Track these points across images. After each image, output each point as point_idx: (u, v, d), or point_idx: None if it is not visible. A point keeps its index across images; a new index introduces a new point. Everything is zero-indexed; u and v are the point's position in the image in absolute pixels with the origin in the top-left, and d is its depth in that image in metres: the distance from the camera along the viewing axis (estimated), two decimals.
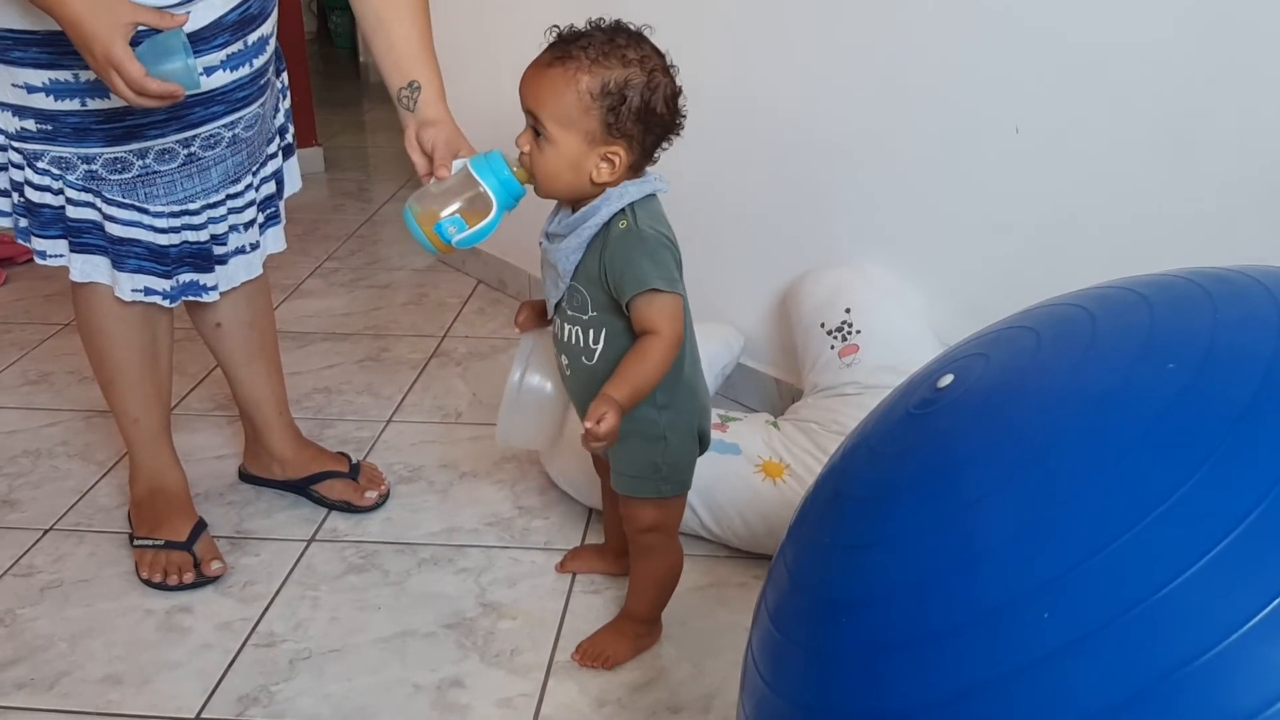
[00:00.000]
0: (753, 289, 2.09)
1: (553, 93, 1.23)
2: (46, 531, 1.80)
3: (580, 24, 1.28)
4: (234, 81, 1.53)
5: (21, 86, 1.42)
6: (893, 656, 0.74)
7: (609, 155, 1.26)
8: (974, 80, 1.66)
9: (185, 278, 1.61)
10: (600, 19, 1.28)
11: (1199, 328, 0.76)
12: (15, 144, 1.48)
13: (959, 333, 1.03)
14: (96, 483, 1.94)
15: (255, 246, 1.70)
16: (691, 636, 1.54)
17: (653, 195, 1.31)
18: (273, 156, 1.70)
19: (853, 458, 0.91)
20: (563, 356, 1.39)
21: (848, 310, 1.82)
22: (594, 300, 1.31)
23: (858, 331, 1.79)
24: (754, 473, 1.68)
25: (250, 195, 1.65)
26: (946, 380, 0.86)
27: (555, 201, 1.36)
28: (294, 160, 1.77)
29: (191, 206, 1.56)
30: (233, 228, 1.64)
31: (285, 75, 1.73)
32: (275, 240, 1.77)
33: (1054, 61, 1.56)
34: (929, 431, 0.83)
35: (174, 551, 1.66)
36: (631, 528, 1.45)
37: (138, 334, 1.65)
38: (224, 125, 1.54)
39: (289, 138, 1.76)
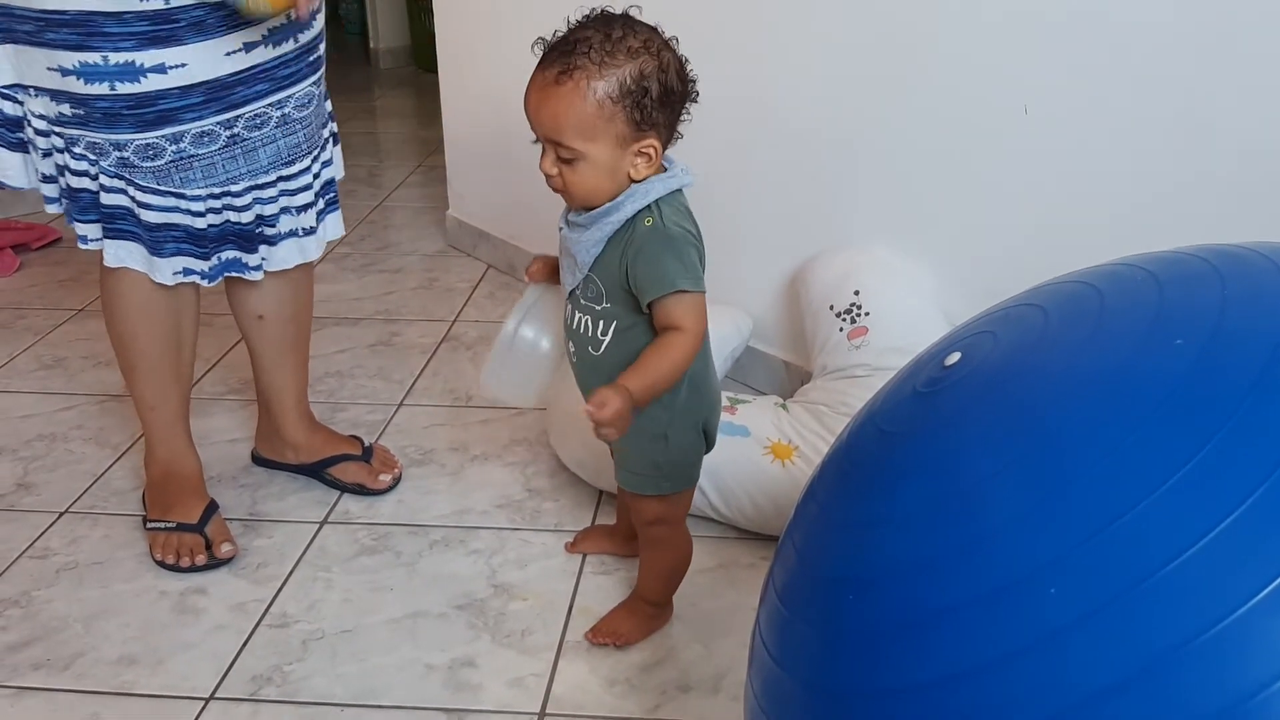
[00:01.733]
0: (762, 272, 2.09)
1: (569, 110, 1.18)
2: (61, 514, 1.81)
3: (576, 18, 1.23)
4: (277, 58, 1.51)
5: (56, 69, 1.42)
6: (900, 633, 0.75)
7: (643, 150, 1.22)
8: (983, 61, 1.66)
9: (227, 255, 1.60)
10: (587, 13, 1.22)
11: (1207, 304, 0.76)
12: (56, 128, 1.48)
13: (968, 314, 1.03)
14: (111, 466, 1.95)
15: (311, 231, 1.68)
16: (701, 617, 1.55)
17: (679, 190, 1.28)
18: (326, 140, 1.68)
19: (860, 436, 0.91)
20: (570, 343, 1.38)
21: (856, 292, 1.82)
22: (609, 293, 1.29)
23: (867, 314, 1.79)
24: (763, 454, 1.68)
25: (307, 179, 1.63)
26: (954, 358, 0.86)
27: None
28: (339, 146, 1.76)
29: (234, 188, 1.54)
30: (285, 210, 1.62)
31: None
32: (334, 226, 1.75)
33: (1064, 42, 1.55)
34: (936, 409, 0.83)
35: (186, 534, 1.67)
36: (638, 519, 1.46)
37: (162, 324, 1.65)
38: (270, 104, 1.52)
39: (333, 124, 1.74)
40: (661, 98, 1.21)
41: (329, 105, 1.71)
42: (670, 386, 1.29)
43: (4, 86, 1.49)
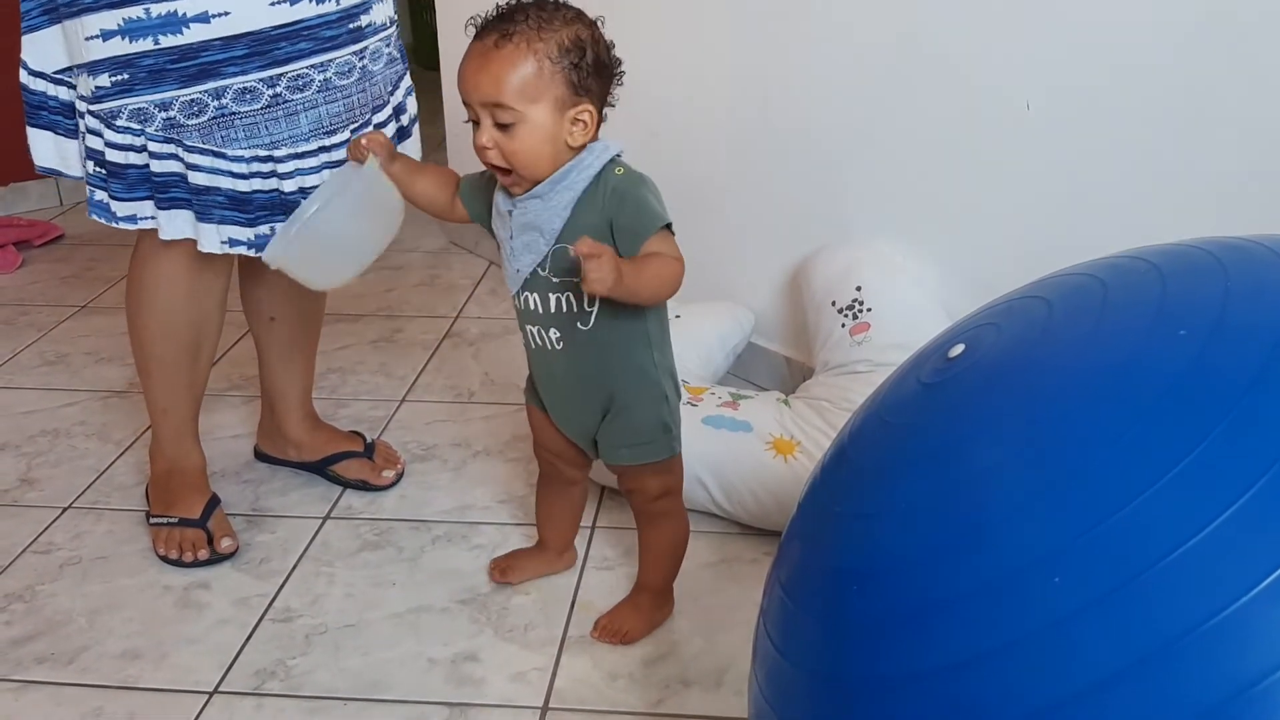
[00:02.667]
0: (763, 267, 2.10)
1: (511, 69, 1.19)
2: (65, 509, 1.81)
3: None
4: (320, 17, 1.48)
5: (96, 36, 1.41)
6: (905, 623, 0.75)
7: (579, 116, 1.23)
8: (985, 56, 1.66)
9: (274, 224, 1.56)
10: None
11: (1211, 296, 0.77)
12: (91, 107, 1.46)
13: (970, 310, 1.03)
14: (114, 462, 1.95)
15: None
16: (703, 612, 1.55)
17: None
18: (382, 125, 1.63)
19: (864, 428, 0.91)
20: (551, 330, 1.33)
21: (859, 288, 1.82)
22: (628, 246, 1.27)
23: (869, 309, 1.80)
24: (765, 450, 1.68)
25: None
26: (957, 350, 0.86)
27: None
28: (411, 143, 1.69)
29: (277, 153, 1.51)
30: None
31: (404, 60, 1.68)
32: None
33: (1065, 37, 1.55)
34: (940, 401, 0.84)
35: (188, 529, 1.68)
36: (641, 499, 1.46)
37: (183, 329, 1.64)
38: (313, 66, 1.50)
39: (404, 119, 1.68)
40: (596, 64, 1.24)
41: (401, 95, 1.66)
42: (644, 300, 1.28)
43: (57, 71, 1.48)
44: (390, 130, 1.64)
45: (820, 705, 0.82)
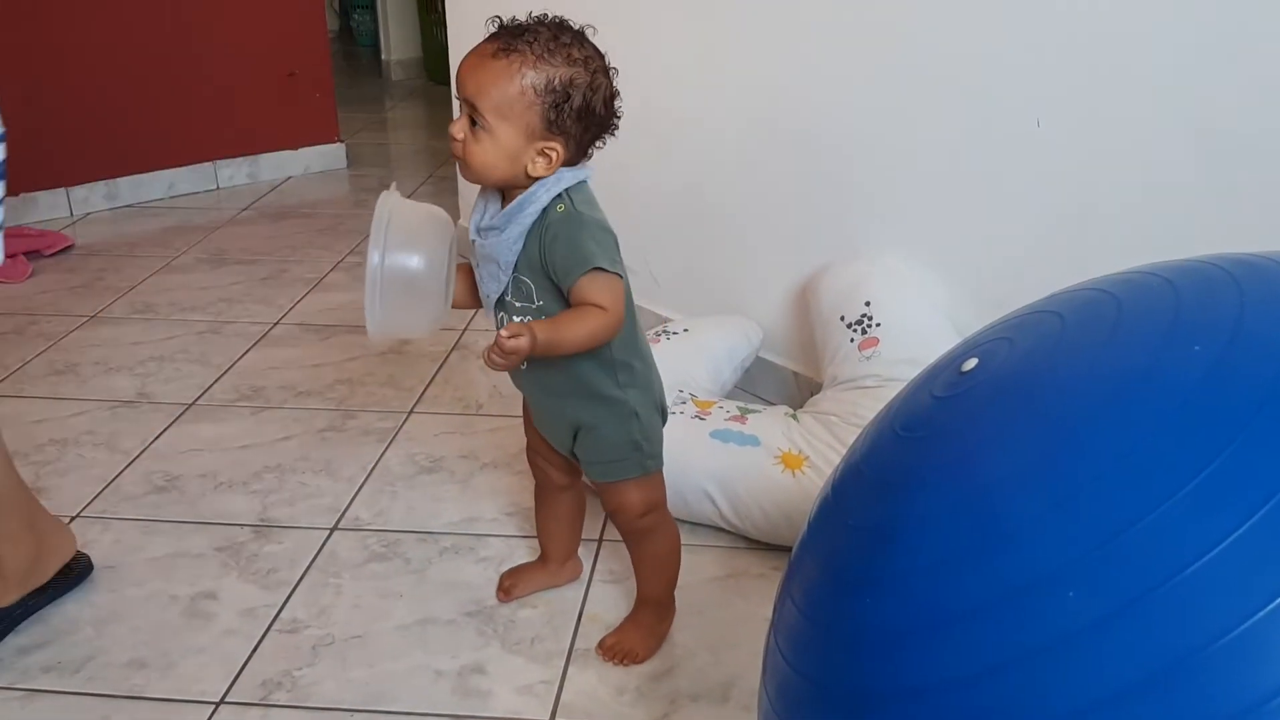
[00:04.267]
0: (772, 282, 2.10)
1: (495, 83, 1.21)
2: (73, 519, 1.81)
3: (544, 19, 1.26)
4: None
5: None
6: (918, 635, 0.75)
7: (546, 150, 1.24)
8: (995, 73, 1.66)
9: None
10: (544, 14, 1.26)
11: (1225, 311, 0.76)
12: None
13: (979, 326, 1.03)
14: (122, 471, 1.96)
15: None
16: (710, 626, 1.55)
17: (584, 181, 1.30)
18: None
19: (877, 441, 0.91)
20: None
21: (867, 303, 1.82)
22: (538, 288, 1.30)
23: (877, 324, 1.80)
24: (773, 464, 1.68)
25: None
26: (971, 364, 0.86)
27: (479, 196, 1.34)
28: None
29: None
30: None
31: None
32: None
33: (1075, 54, 1.56)
34: (954, 414, 0.84)
35: None
36: (626, 517, 1.45)
37: None
38: None
39: None
40: (580, 111, 1.24)
41: None
42: (569, 353, 1.28)
43: None
44: None
45: (833, 718, 0.81)
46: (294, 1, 3.71)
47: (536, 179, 1.27)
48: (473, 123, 1.24)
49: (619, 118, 1.29)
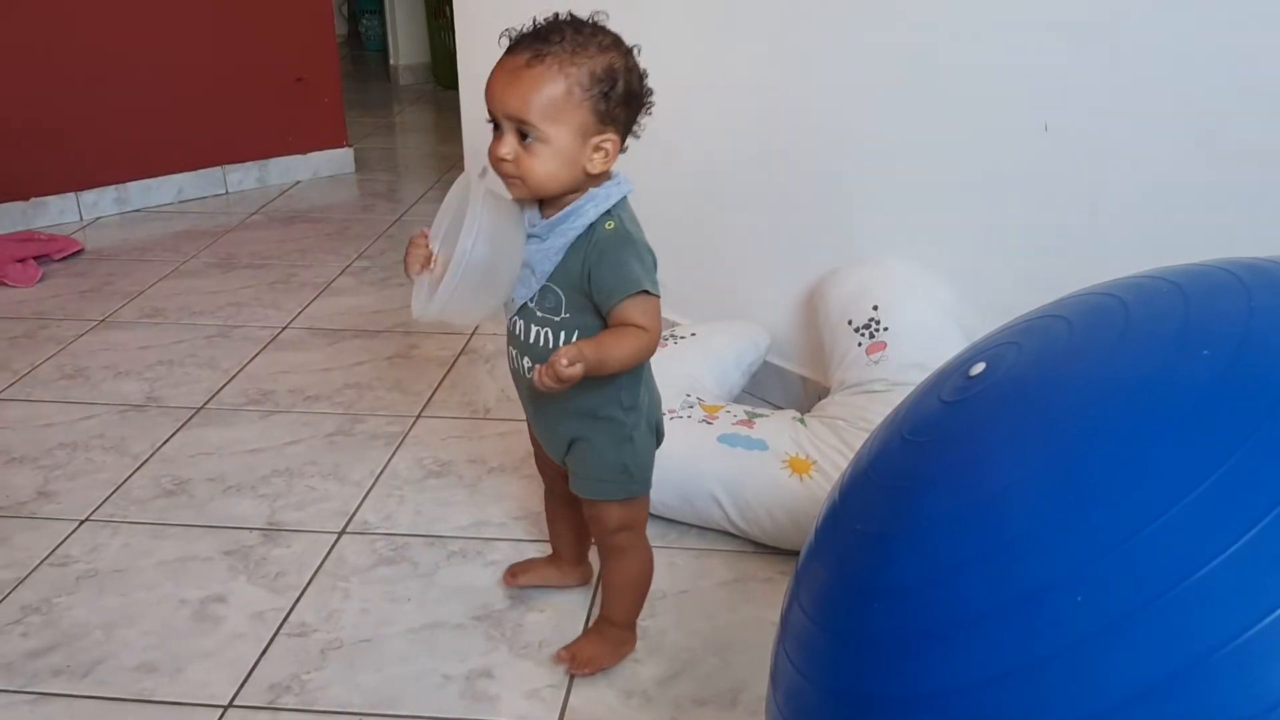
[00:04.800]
0: (779, 287, 2.10)
1: (539, 90, 1.19)
2: (82, 522, 1.82)
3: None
4: None
5: None
6: (926, 642, 0.75)
7: (601, 144, 1.23)
8: (1003, 76, 1.66)
9: None
10: (554, 14, 1.24)
11: (1234, 315, 0.76)
12: None
13: (987, 330, 1.03)
14: (131, 475, 1.96)
15: None
16: (718, 630, 1.55)
17: (625, 196, 1.30)
18: None
19: (885, 446, 0.91)
20: (525, 358, 1.35)
21: (875, 307, 1.82)
22: (568, 301, 1.28)
23: (885, 329, 1.80)
24: (780, 469, 1.68)
25: None
26: (978, 369, 0.86)
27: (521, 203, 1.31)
28: None
29: None
30: None
31: None
32: None
33: (1085, 59, 1.55)
34: (961, 419, 0.84)
35: None
36: (600, 530, 1.44)
37: None
38: None
39: None
40: (625, 95, 1.24)
41: None
42: (611, 373, 1.28)
43: None
44: None
45: None
46: (303, 7, 3.73)
47: (597, 177, 1.26)
48: (523, 137, 1.21)
49: (651, 92, 1.28)
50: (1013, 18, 1.63)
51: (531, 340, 1.33)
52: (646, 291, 1.25)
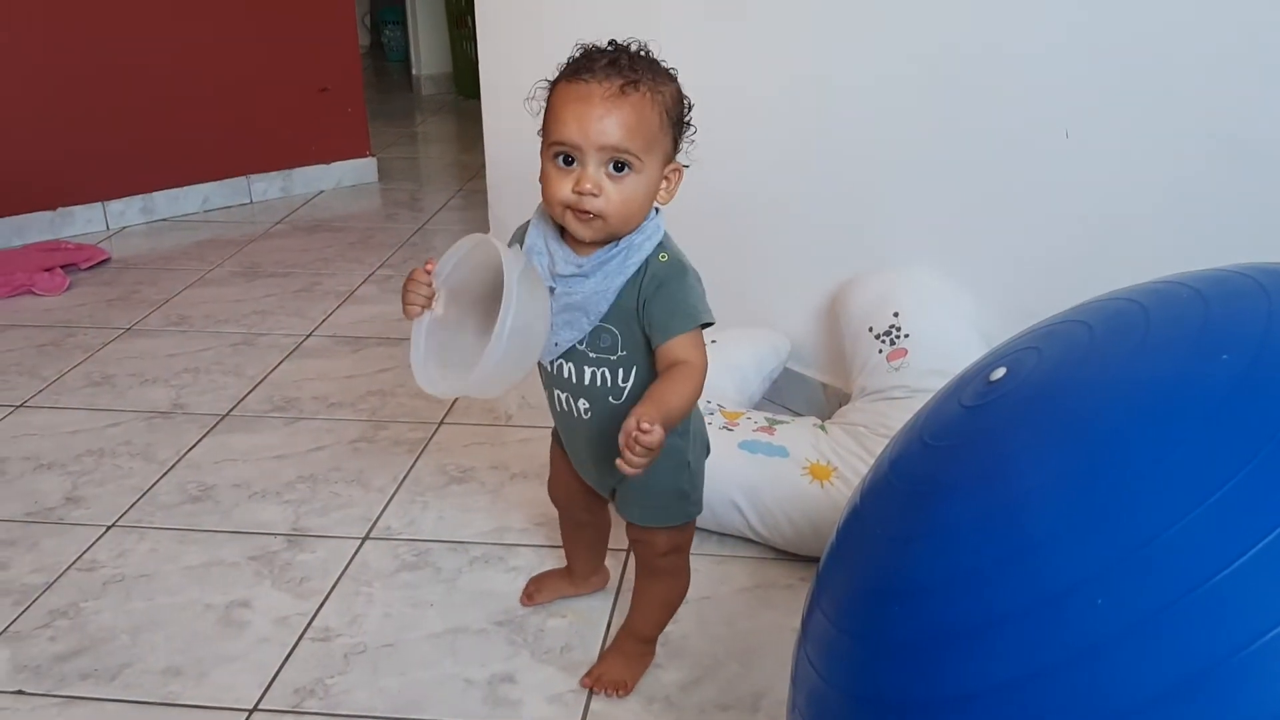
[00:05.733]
0: (800, 293, 2.10)
1: (639, 118, 1.15)
2: (109, 528, 1.84)
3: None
4: None
5: None
6: (948, 644, 0.75)
7: (669, 174, 1.21)
8: (1023, 83, 1.66)
9: None
10: (610, 42, 1.21)
11: (1253, 320, 0.77)
12: None
13: (1007, 336, 1.03)
14: (157, 481, 1.98)
15: None
16: (739, 637, 1.55)
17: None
18: None
19: (905, 450, 0.92)
20: (580, 400, 1.31)
21: (896, 314, 1.82)
22: (625, 339, 1.25)
23: (906, 335, 1.80)
24: (801, 475, 1.68)
25: None
26: (999, 374, 0.86)
27: (532, 235, 1.28)
28: None
29: None
30: None
31: None
32: None
33: (1105, 66, 1.56)
34: (982, 424, 0.84)
35: None
36: (649, 552, 1.42)
37: None
38: None
39: None
40: (685, 125, 1.23)
41: None
42: (679, 421, 1.24)
43: None
44: None
45: None
46: (326, 18, 3.76)
47: (664, 205, 1.22)
48: (617, 168, 1.16)
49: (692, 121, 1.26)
50: (1032, 25, 1.63)
51: (587, 382, 1.29)
52: (704, 323, 1.22)
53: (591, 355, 1.27)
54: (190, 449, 2.09)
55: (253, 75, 3.60)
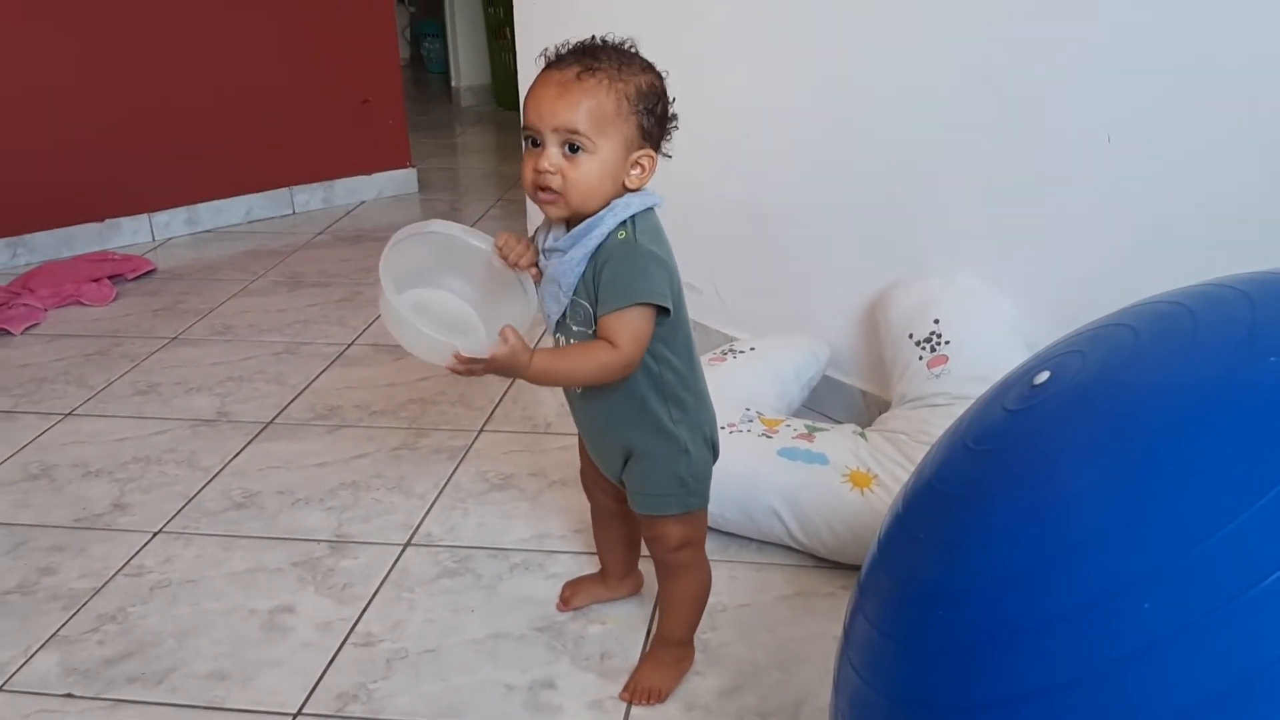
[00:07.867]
0: (839, 300, 2.10)
1: (592, 101, 1.21)
2: (155, 534, 1.87)
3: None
4: None
5: None
6: (992, 648, 0.75)
7: (640, 160, 1.26)
8: (1066, 91, 1.65)
9: None
10: (590, 37, 1.27)
11: None
12: None
13: (1049, 342, 1.02)
14: (202, 488, 2.01)
15: None
16: (779, 644, 1.55)
17: (652, 209, 1.29)
18: None
19: (949, 455, 0.91)
20: None
21: (936, 321, 1.81)
22: (595, 313, 1.28)
23: (947, 342, 1.79)
24: (841, 482, 1.68)
25: None
26: (1043, 377, 0.86)
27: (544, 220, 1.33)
28: None
29: None
30: None
31: None
32: None
33: (1147, 71, 1.54)
34: (1026, 427, 0.83)
35: None
36: (661, 548, 1.43)
37: None
38: None
39: None
40: (662, 115, 1.27)
41: None
42: (564, 386, 1.31)
43: None
44: None
45: None
46: (367, 31, 3.80)
47: (633, 192, 1.27)
48: (572, 149, 1.23)
49: (677, 115, 1.30)
50: (1073, 28, 1.62)
51: None
52: (642, 305, 1.24)
53: (574, 329, 1.32)
54: (234, 456, 2.12)
55: (295, 88, 3.65)
